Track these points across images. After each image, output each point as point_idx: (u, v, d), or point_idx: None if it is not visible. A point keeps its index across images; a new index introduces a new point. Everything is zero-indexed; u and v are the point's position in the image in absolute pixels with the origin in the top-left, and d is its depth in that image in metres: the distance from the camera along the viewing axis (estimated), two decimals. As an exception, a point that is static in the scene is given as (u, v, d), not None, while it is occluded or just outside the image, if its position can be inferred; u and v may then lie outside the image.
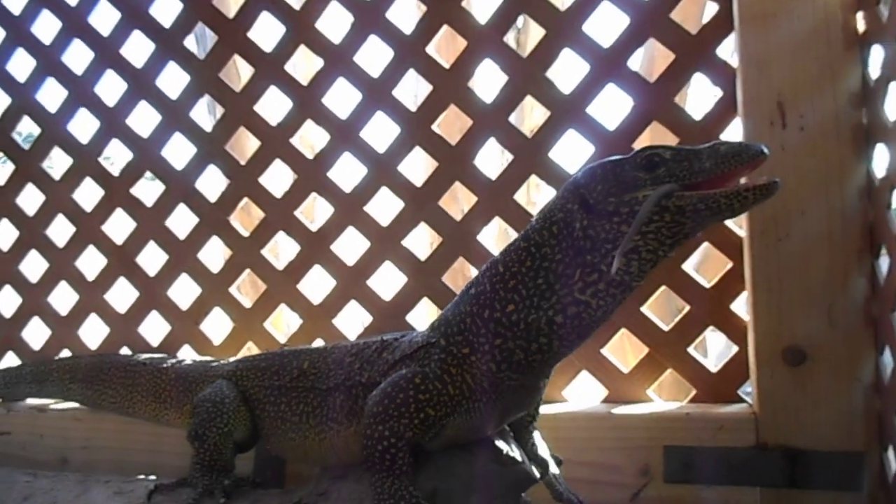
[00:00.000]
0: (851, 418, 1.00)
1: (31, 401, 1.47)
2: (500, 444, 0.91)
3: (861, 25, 1.02)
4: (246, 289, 1.67)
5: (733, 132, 1.11)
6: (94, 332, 1.52)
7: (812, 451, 1.01)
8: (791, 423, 1.02)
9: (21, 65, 1.58)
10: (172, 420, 1.21)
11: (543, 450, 0.98)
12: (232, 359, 1.20)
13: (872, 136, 0.99)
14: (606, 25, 1.22)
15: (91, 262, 1.53)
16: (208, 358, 1.29)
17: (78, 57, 1.51)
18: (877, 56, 0.98)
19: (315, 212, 2.16)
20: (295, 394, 1.00)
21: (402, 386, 0.82)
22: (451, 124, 1.37)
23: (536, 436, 0.99)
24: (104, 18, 1.50)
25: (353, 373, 0.93)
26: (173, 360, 1.27)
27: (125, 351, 1.48)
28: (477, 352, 0.80)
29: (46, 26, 1.55)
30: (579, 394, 1.23)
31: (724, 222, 1.12)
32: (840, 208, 1.01)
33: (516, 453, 0.92)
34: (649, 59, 2.26)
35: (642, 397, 1.16)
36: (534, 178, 1.25)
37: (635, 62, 1.20)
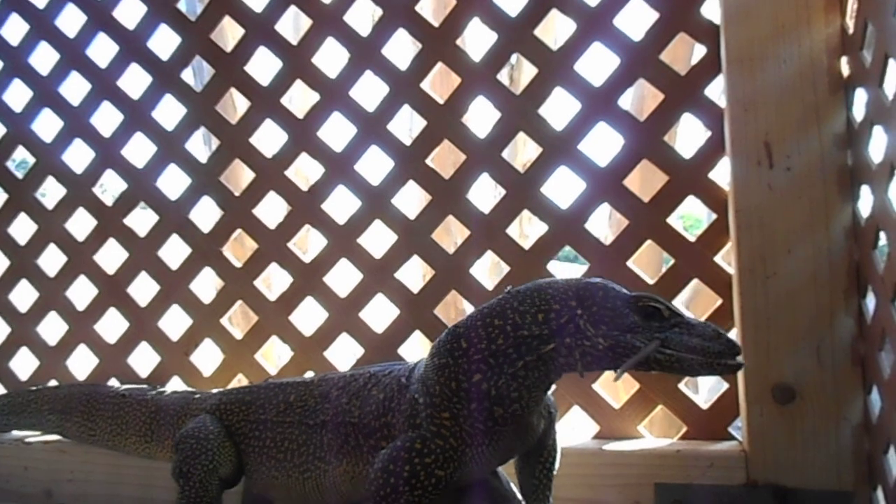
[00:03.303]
0: (840, 457, 1.00)
1: (16, 432, 1.45)
2: (494, 482, 0.91)
3: (846, 70, 1.04)
4: (237, 320, 1.67)
5: (721, 171, 1.13)
6: (82, 363, 1.51)
7: (801, 490, 1.01)
8: (780, 461, 1.02)
9: (17, 95, 1.59)
10: (154, 453, 1.19)
11: None
12: (215, 390, 1.19)
13: (857, 177, 1.01)
14: (598, 65, 1.25)
15: (82, 292, 1.52)
16: (191, 389, 1.28)
17: (75, 88, 1.52)
18: (861, 99, 1.00)
19: (308, 243, 2.17)
20: (280, 429, 0.98)
21: (405, 458, 0.79)
22: (444, 159, 1.39)
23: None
24: (102, 51, 1.52)
25: (342, 409, 0.92)
26: (154, 392, 1.25)
27: (113, 382, 1.46)
28: (457, 417, 0.80)
29: (44, 58, 1.56)
30: (570, 429, 1.22)
31: (713, 259, 1.13)
32: (826, 248, 1.02)
33: (508, 490, 0.92)
34: (639, 98, 2.30)
35: (633, 433, 1.16)
36: (526, 213, 1.27)
37: (626, 101, 1.22)
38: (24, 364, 1.56)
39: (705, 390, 2.88)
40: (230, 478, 1.04)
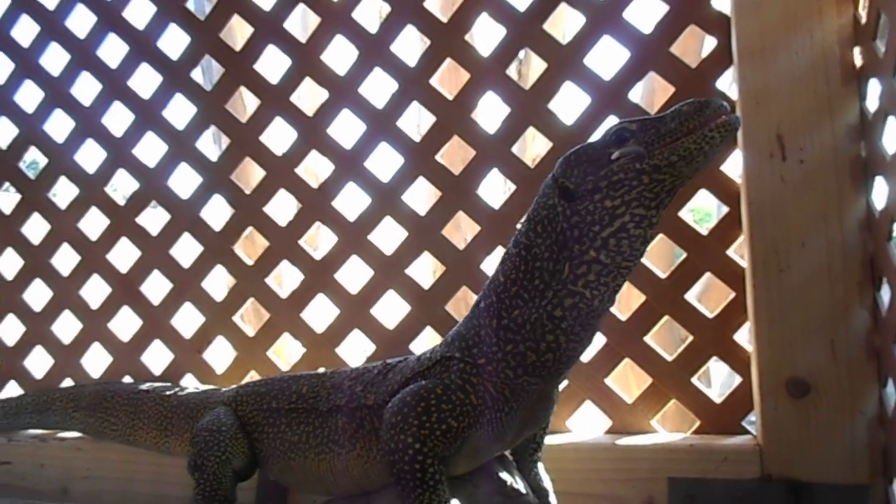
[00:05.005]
0: (855, 451, 0.99)
1: (32, 430, 1.46)
2: (504, 475, 0.91)
3: (858, 60, 1.03)
4: (249, 317, 1.68)
5: (734, 164, 1.12)
6: (97, 361, 1.52)
7: (816, 484, 1.00)
8: (795, 455, 1.02)
9: (29, 96, 1.60)
10: (174, 448, 1.20)
11: (546, 481, 0.98)
12: (233, 386, 1.20)
13: (871, 169, 1.01)
14: (607, 59, 1.24)
15: (95, 291, 1.53)
16: (212, 386, 1.29)
17: (86, 88, 1.54)
18: (874, 90, 1.00)
19: (319, 241, 2.18)
20: (294, 415, 0.99)
21: (423, 395, 0.81)
22: (454, 155, 1.39)
23: (540, 466, 0.99)
24: (113, 51, 1.53)
25: (356, 396, 0.92)
26: (176, 388, 1.27)
27: (128, 380, 1.48)
28: (492, 361, 0.81)
29: (55, 58, 1.57)
30: (583, 424, 1.22)
31: (725, 253, 1.12)
32: (840, 240, 1.02)
33: (520, 485, 0.92)
34: (649, 91, 2.29)
35: (646, 428, 1.16)
36: (536, 208, 1.26)
37: (636, 95, 1.21)
38: (39, 362, 1.58)
39: (718, 384, 2.87)
40: (243, 470, 1.05)
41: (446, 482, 0.81)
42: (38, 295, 1.58)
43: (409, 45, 1.56)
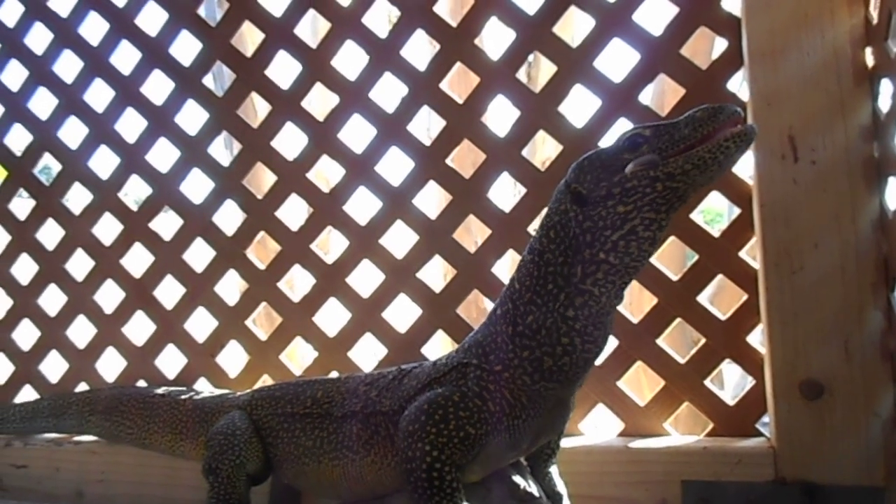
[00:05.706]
0: (870, 453, 0.99)
1: (47, 434, 1.48)
2: (517, 479, 0.91)
3: (870, 60, 1.03)
4: (262, 321, 1.68)
5: (745, 165, 1.12)
6: (111, 366, 1.53)
7: (831, 486, 1.00)
8: (809, 457, 1.01)
9: (43, 103, 1.62)
10: (189, 452, 1.21)
11: (560, 486, 0.98)
12: (248, 390, 1.20)
13: (884, 170, 1.00)
14: (617, 61, 1.24)
15: (109, 296, 1.54)
16: (226, 390, 1.30)
17: (99, 95, 1.55)
18: (886, 90, 0.99)
19: (330, 245, 2.18)
20: (309, 420, 1.00)
21: (441, 403, 0.81)
22: (464, 158, 1.39)
23: (554, 470, 0.99)
24: (125, 58, 1.54)
25: (371, 401, 0.93)
26: (190, 392, 1.27)
27: (142, 384, 1.49)
28: (509, 368, 0.81)
29: (68, 65, 1.59)
30: (595, 427, 1.22)
31: (737, 254, 1.12)
32: (853, 241, 1.01)
33: (533, 489, 0.92)
34: (659, 93, 2.28)
35: (659, 431, 1.16)
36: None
37: (646, 97, 1.21)
38: (54, 367, 1.59)
39: (731, 386, 2.85)
40: (258, 474, 1.05)
41: (462, 489, 0.81)
42: (52, 300, 1.60)
43: (419, 49, 1.57)
